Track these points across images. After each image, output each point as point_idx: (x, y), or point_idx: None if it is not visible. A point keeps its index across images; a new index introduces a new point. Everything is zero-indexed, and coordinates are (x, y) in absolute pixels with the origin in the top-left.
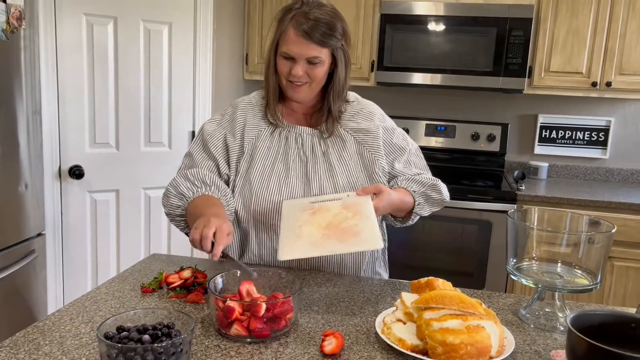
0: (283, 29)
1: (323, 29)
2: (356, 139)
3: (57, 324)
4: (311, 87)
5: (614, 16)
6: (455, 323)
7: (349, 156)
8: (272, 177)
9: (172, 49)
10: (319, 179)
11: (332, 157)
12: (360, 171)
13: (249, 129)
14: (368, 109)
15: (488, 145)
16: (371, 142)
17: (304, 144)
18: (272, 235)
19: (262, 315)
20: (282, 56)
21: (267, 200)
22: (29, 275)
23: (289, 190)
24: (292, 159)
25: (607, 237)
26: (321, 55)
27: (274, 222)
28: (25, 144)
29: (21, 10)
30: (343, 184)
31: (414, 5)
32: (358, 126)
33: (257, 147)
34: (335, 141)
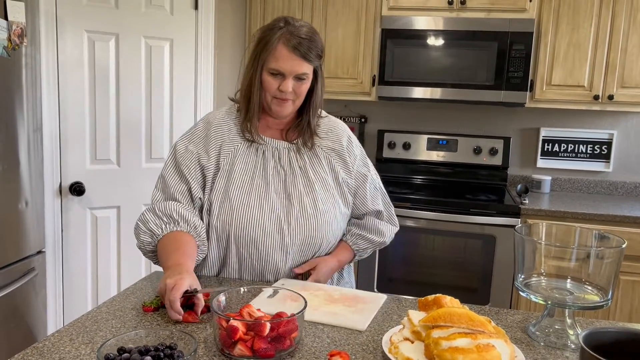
0: (271, 47)
1: (310, 46)
2: (330, 157)
3: (56, 344)
4: (295, 103)
5: (615, 29)
6: (464, 342)
7: (325, 172)
8: (252, 193)
9: (174, 65)
10: (299, 194)
11: (309, 171)
12: (335, 187)
13: (226, 144)
14: (339, 129)
15: (490, 159)
16: (343, 164)
17: (281, 158)
18: (252, 251)
19: (267, 335)
20: (271, 73)
21: (247, 215)
22: (28, 294)
23: (270, 205)
24: (271, 173)
25: (617, 252)
26: (308, 72)
27: (255, 237)
28: (25, 161)
29: (23, 27)
30: (322, 198)
31: (415, 20)
32: (332, 145)
33: (234, 162)
34: (310, 156)
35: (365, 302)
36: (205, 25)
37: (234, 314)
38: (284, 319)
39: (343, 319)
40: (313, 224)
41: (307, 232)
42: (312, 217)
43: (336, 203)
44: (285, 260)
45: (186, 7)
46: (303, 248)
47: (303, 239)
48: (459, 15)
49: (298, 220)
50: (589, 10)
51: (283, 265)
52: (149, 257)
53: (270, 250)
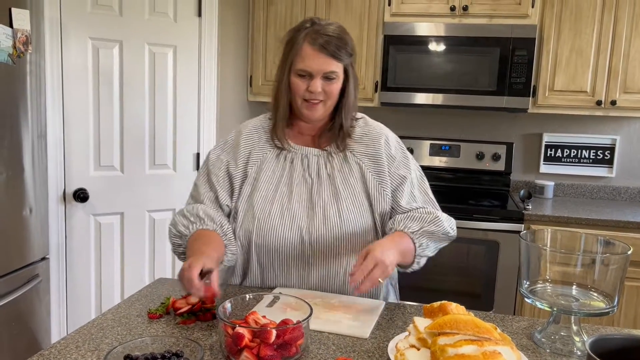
0: (298, 47)
1: (338, 44)
2: (361, 163)
3: (62, 352)
4: (326, 105)
5: (617, 35)
6: (471, 349)
7: (355, 180)
8: (274, 202)
9: (177, 72)
10: (323, 203)
11: (337, 180)
12: (364, 197)
13: (255, 152)
14: (375, 132)
15: (493, 165)
16: (376, 169)
17: (310, 165)
18: (273, 259)
19: (273, 342)
20: (298, 74)
21: (268, 225)
22: (32, 300)
23: (291, 216)
24: (297, 182)
25: (622, 258)
26: (337, 70)
27: (275, 246)
28: (30, 167)
29: (28, 35)
30: (347, 209)
31: (417, 26)
32: (365, 150)
33: (261, 170)
34: (341, 164)
35: (365, 309)
36: (208, 32)
37: (240, 320)
38: (290, 326)
39: (345, 327)
40: (336, 235)
41: (329, 243)
42: (335, 228)
43: (365, 212)
44: (308, 270)
45: (189, 14)
46: (325, 258)
47: (325, 249)
48: (461, 22)
49: (320, 231)
50: (591, 16)
51: (306, 275)
52: (182, 259)
53: (291, 260)
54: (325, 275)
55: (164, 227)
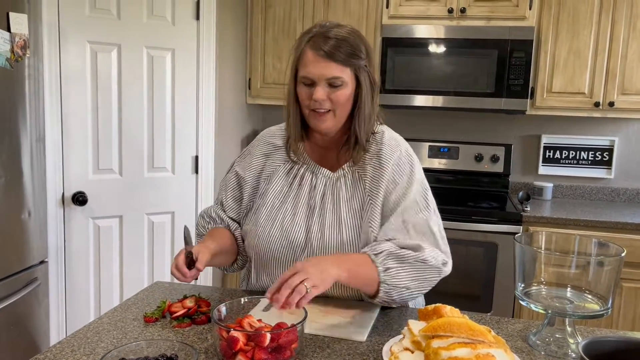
0: (300, 53)
1: (343, 47)
2: (368, 188)
3: (58, 356)
4: (336, 115)
5: (615, 37)
6: (464, 352)
7: (359, 206)
8: (275, 222)
9: (175, 75)
10: (322, 227)
11: (342, 206)
12: (366, 223)
13: (268, 165)
14: (387, 153)
15: (492, 166)
16: (376, 195)
17: (317, 187)
18: (272, 276)
19: (267, 346)
20: (302, 83)
21: (267, 245)
22: (31, 304)
23: (289, 240)
24: (301, 203)
25: (616, 260)
26: (343, 76)
27: (273, 267)
28: (28, 171)
29: (26, 39)
30: (348, 237)
31: (415, 29)
32: (372, 172)
33: (272, 182)
34: (348, 188)
35: (361, 312)
36: (206, 35)
37: (235, 324)
38: (284, 329)
39: (341, 330)
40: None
41: None
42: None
43: (364, 243)
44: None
45: (187, 17)
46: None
47: None
48: (459, 24)
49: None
50: (589, 17)
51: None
52: None
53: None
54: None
55: (162, 230)
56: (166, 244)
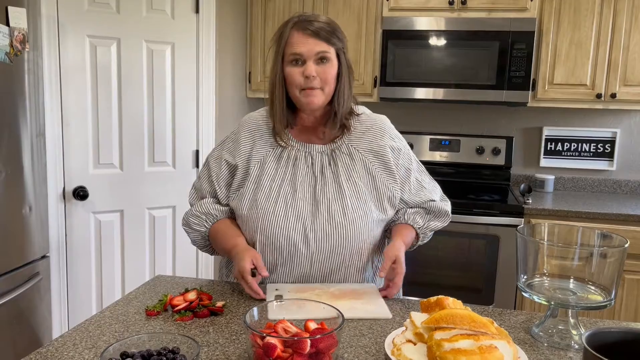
0: (286, 36)
1: (325, 28)
2: (366, 160)
3: (60, 350)
4: (324, 92)
5: (617, 28)
6: (467, 343)
7: (358, 176)
8: (278, 200)
9: (175, 69)
10: (328, 202)
11: (341, 177)
12: (369, 193)
13: (256, 150)
14: (378, 126)
15: (493, 159)
16: (383, 165)
17: (314, 163)
18: (276, 258)
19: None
20: (291, 62)
21: (272, 223)
22: (33, 298)
23: (296, 212)
24: (300, 180)
25: (620, 251)
26: (329, 52)
27: (280, 245)
28: (29, 166)
29: (24, 33)
30: (352, 207)
31: (416, 21)
32: (369, 146)
33: (264, 169)
34: (344, 159)
35: (367, 293)
36: (206, 29)
37: (268, 330)
38: (324, 335)
39: (363, 312)
40: (341, 232)
41: (333, 240)
42: (339, 226)
43: (368, 210)
44: (310, 268)
45: (187, 10)
46: (329, 257)
47: (328, 248)
48: (460, 16)
49: (324, 229)
50: (590, 8)
51: (307, 272)
52: (206, 251)
53: (295, 258)
54: (328, 274)
55: (163, 224)
56: (167, 238)
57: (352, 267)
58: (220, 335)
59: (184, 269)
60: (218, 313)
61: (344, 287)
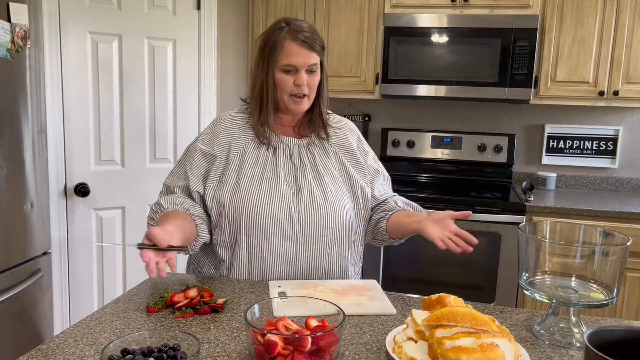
0: (281, 45)
1: (315, 37)
2: (339, 153)
3: (61, 346)
4: (310, 98)
5: (619, 25)
6: (468, 341)
7: (333, 167)
8: (262, 184)
9: (177, 66)
10: (309, 185)
11: (319, 166)
12: (343, 182)
13: (236, 142)
14: (346, 127)
15: (495, 157)
16: (354, 161)
17: (292, 153)
18: (261, 242)
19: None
20: (283, 70)
21: (258, 205)
22: (35, 295)
23: (280, 195)
24: (282, 167)
25: (622, 249)
26: (317, 63)
27: (265, 226)
28: (30, 162)
29: (26, 29)
30: (332, 190)
31: (418, 18)
32: (341, 142)
33: (245, 157)
34: (320, 153)
35: (370, 289)
36: (207, 25)
37: (269, 327)
38: (325, 332)
39: (369, 308)
40: (323, 213)
41: (316, 221)
42: (321, 207)
43: (344, 196)
44: (295, 251)
45: (188, 7)
46: (312, 238)
47: (312, 229)
48: (462, 12)
49: (308, 210)
50: (593, 6)
51: (293, 256)
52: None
53: (280, 240)
54: (311, 255)
55: None
56: None
57: (333, 251)
58: (221, 332)
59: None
60: (219, 310)
61: (345, 283)
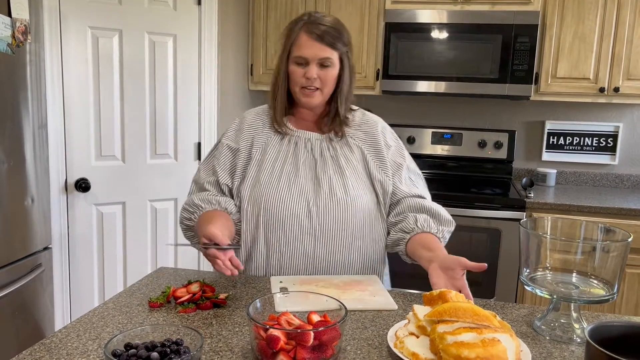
0: (294, 36)
1: (332, 33)
2: (362, 147)
3: (64, 341)
4: (323, 92)
5: (620, 21)
6: (469, 336)
7: (356, 161)
8: (282, 177)
9: (177, 61)
10: (329, 179)
11: (340, 159)
12: (365, 176)
13: (258, 137)
14: (372, 122)
15: (495, 153)
16: (377, 155)
17: (313, 148)
18: (280, 235)
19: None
20: (295, 62)
21: (276, 199)
22: (36, 290)
23: (299, 189)
24: (302, 161)
25: (623, 245)
26: (332, 57)
27: (284, 220)
28: (31, 157)
29: (26, 24)
30: (352, 184)
31: (419, 14)
32: (364, 137)
33: (266, 152)
34: (342, 147)
35: (371, 284)
36: (208, 21)
37: (271, 322)
38: (327, 327)
39: (371, 303)
40: (342, 208)
41: (336, 216)
42: (341, 201)
43: (367, 190)
44: (313, 246)
45: (189, 2)
46: (332, 233)
47: (332, 223)
48: (463, 8)
49: (327, 204)
50: (594, 2)
51: (311, 251)
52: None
53: (299, 235)
54: (331, 251)
55: (165, 216)
56: (169, 230)
57: (354, 246)
58: (224, 327)
59: (186, 261)
60: (221, 305)
61: (347, 278)
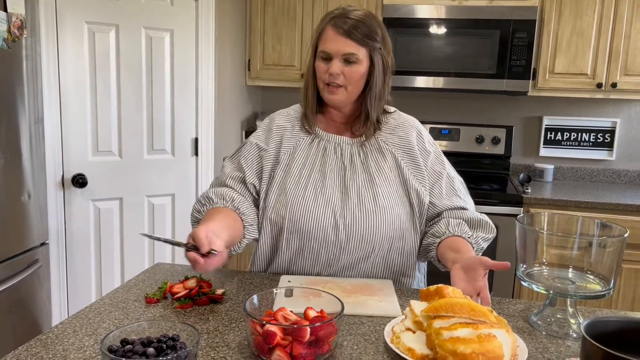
0: (321, 31)
1: (361, 28)
2: (395, 154)
3: (60, 336)
4: (348, 90)
5: (618, 16)
6: (466, 332)
7: (389, 169)
8: (308, 186)
9: (174, 56)
10: (357, 188)
11: (371, 167)
12: (399, 185)
13: (287, 139)
14: (408, 125)
15: (493, 148)
16: (412, 162)
17: (343, 153)
18: (303, 245)
19: (306, 340)
20: (321, 57)
21: (301, 209)
22: (32, 285)
23: (325, 199)
24: (330, 168)
25: (619, 241)
26: (358, 54)
27: (308, 231)
28: (27, 153)
29: (22, 19)
30: (383, 195)
31: (417, 9)
32: (398, 142)
33: (294, 156)
34: (374, 152)
35: (380, 288)
36: (205, 16)
37: (268, 317)
38: (323, 323)
39: (374, 308)
40: (371, 219)
41: (364, 228)
42: (370, 213)
43: (400, 200)
44: (338, 257)
45: None
46: (359, 245)
47: (359, 236)
48: (461, 4)
49: (355, 216)
50: None
51: (335, 262)
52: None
53: (323, 245)
54: (355, 261)
55: (162, 212)
56: (166, 225)
57: (379, 258)
58: (220, 323)
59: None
60: (218, 301)
61: (358, 281)
